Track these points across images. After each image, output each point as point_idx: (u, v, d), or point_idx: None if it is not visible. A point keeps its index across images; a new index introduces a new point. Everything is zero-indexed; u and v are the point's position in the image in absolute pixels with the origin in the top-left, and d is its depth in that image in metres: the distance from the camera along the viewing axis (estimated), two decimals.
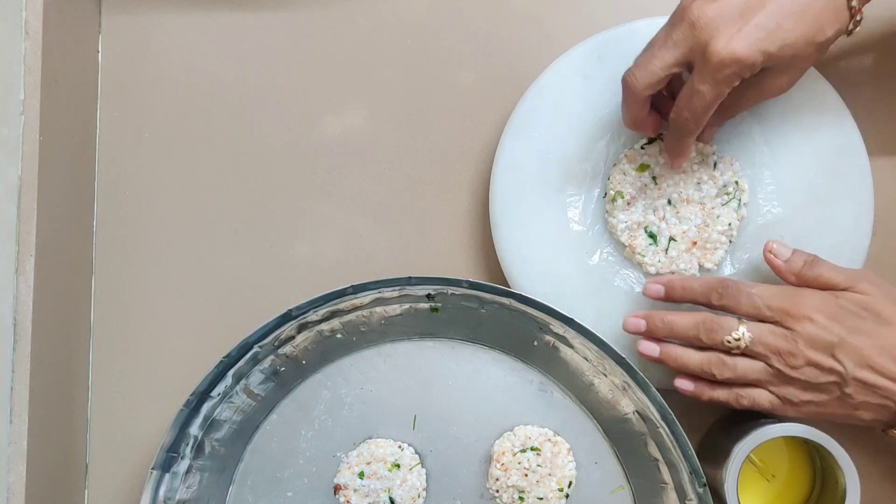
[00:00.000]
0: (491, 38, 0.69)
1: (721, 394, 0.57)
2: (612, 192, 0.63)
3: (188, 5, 0.70)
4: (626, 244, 0.63)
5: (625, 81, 0.57)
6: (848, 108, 0.62)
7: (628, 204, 0.63)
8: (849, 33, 0.56)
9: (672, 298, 0.59)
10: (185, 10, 0.70)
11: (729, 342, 0.56)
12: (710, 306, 0.57)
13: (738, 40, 0.52)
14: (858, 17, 0.55)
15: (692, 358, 0.57)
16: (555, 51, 0.65)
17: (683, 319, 0.58)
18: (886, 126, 0.64)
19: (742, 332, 0.55)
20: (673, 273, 0.62)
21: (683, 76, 0.57)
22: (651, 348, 0.59)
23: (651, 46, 0.57)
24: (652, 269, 0.63)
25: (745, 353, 0.56)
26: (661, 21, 0.63)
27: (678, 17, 0.55)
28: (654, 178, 0.63)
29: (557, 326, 0.60)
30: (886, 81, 0.66)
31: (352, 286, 0.60)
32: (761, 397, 0.56)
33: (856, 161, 0.62)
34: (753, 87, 0.57)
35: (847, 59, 0.66)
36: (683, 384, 0.59)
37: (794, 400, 0.56)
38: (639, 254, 0.63)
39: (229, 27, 0.70)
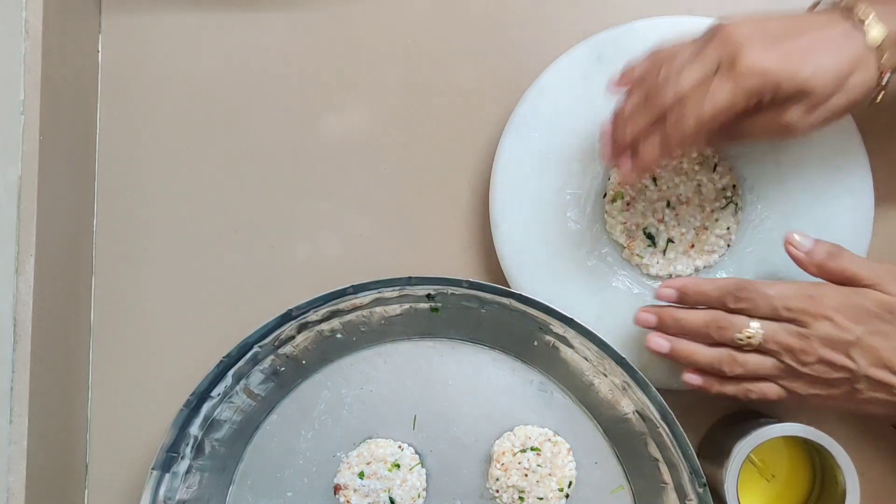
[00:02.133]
0: (491, 38, 0.69)
1: (730, 388, 0.57)
2: (611, 193, 0.63)
3: (188, 5, 0.70)
4: (625, 245, 0.63)
5: (675, 120, 0.54)
6: None
7: (627, 205, 0.63)
8: (874, 99, 0.55)
9: (685, 303, 0.58)
10: (185, 10, 0.70)
11: (740, 339, 0.55)
12: (725, 310, 0.57)
13: (770, 55, 0.52)
14: (884, 80, 0.54)
15: (702, 354, 0.57)
16: (555, 51, 0.65)
17: (694, 317, 0.57)
18: (886, 126, 0.64)
19: (755, 330, 0.55)
20: (671, 276, 0.62)
21: None
22: (661, 343, 0.58)
23: (674, 63, 0.54)
24: (652, 271, 0.63)
25: (757, 350, 0.56)
26: (661, 21, 0.64)
27: (710, 35, 0.54)
28: (654, 179, 0.63)
29: (557, 326, 0.60)
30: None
31: (352, 286, 0.60)
32: (770, 390, 0.56)
33: (856, 161, 0.62)
34: (767, 117, 0.55)
35: None
36: (692, 378, 0.58)
37: (802, 393, 0.56)
38: (637, 255, 0.63)
39: (229, 27, 0.70)
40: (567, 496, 0.62)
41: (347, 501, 0.62)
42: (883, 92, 0.55)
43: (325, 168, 0.68)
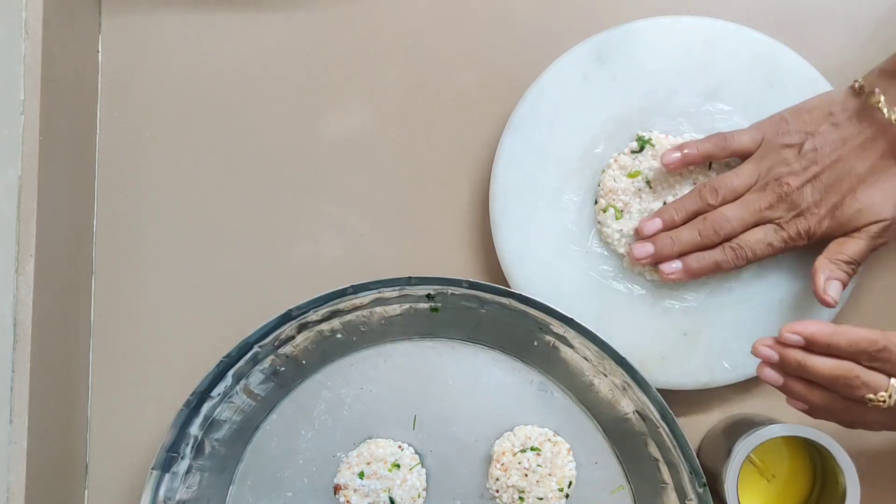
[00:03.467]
0: (491, 38, 0.69)
1: (821, 416, 0.54)
2: (602, 202, 0.63)
3: (188, 5, 0.70)
4: (625, 254, 0.63)
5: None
6: None
7: (621, 211, 0.63)
8: None
9: (811, 351, 0.52)
10: (185, 10, 0.70)
11: (871, 399, 0.50)
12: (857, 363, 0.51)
13: (820, 223, 0.58)
14: None
15: (818, 398, 0.53)
16: (555, 51, 0.65)
17: (823, 365, 0.51)
18: None
19: (891, 393, 0.50)
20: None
21: None
22: (773, 377, 0.53)
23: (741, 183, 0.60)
24: (656, 277, 0.62)
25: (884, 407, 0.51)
26: (661, 21, 0.64)
27: (770, 179, 0.59)
28: (647, 182, 0.63)
29: (557, 326, 0.60)
30: None
31: (352, 286, 0.60)
32: (873, 423, 0.53)
33: None
34: (862, 241, 0.59)
35: (847, 59, 0.66)
36: (770, 376, 0.54)
37: None
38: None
39: (229, 27, 0.70)
40: (567, 496, 0.62)
41: (347, 501, 0.62)
42: None
43: (325, 168, 0.68)
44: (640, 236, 0.61)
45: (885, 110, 0.56)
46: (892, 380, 0.50)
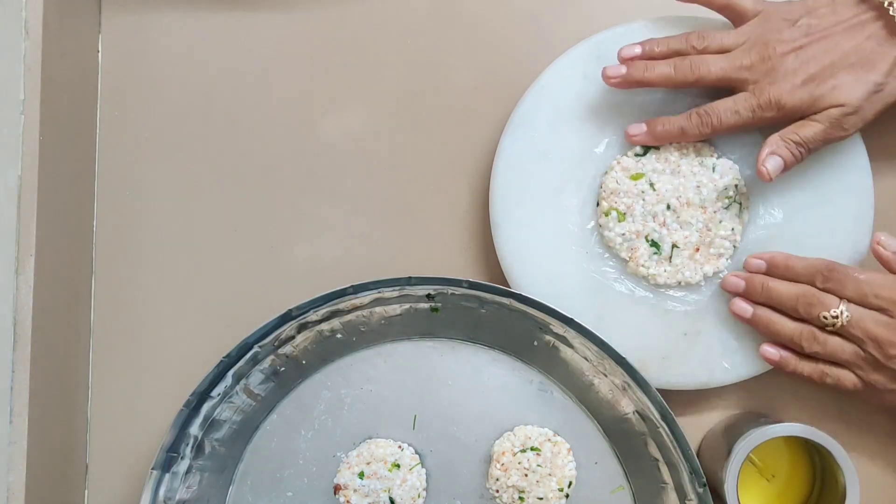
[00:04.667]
0: (491, 38, 0.69)
1: (806, 367, 0.58)
2: (605, 205, 0.63)
3: (188, 5, 0.70)
4: (628, 258, 0.62)
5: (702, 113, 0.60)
6: None
7: (623, 214, 0.62)
8: None
9: (772, 275, 0.59)
10: (185, 10, 0.70)
11: (825, 318, 0.56)
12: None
13: (796, 95, 0.57)
14: None
15: (785, 326, 0.58)
16: (555, 51, 0.65)
17: (785, 288, 0.58)
18: (886, 126, 0.64)
19: (841, 310, 0.55)
20: (680, 284, 0.62)
21: None
22: (744, 308, 0.60)
23: (712, 41, 0.60)
24: (660, 280, 0.62)
25: (840, 333, 0.56)
26: (661, 21, 0.64)
27: (753, 42, 0.59)
28: (651, 184, 0.62)
29: (557, 326, 0.60)
30: None
31: (352, 286, 0.60)
32: (846, 378, 0.57)
33: (856, 161, 0.62)
34: (822, 119, 0.59)
35: None
36: (770, 353, 0.59)
37: (880, 387, 0.56)
38: (642, 266, 0.62)
39: (229, 27, 0.70)
40: (567, 496, 0.62)
41: (347, 501, 0.62)
42: None
43: (325, 168, 0.68)
44: (619, 58, 0.61)
45: None
46: (842, 302, 0.56)
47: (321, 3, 0.69)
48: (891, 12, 0.56)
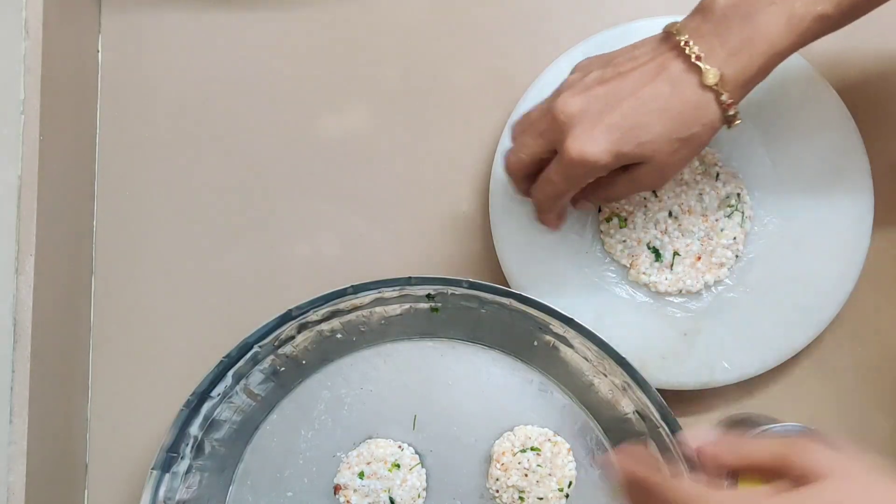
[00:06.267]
0: (491, 38, 0.69)
1: None
2: (606, 211, 0.63)
3: (188, 5, 0.70)
4: (629, 265, 0.62)
5: (504, 163, 0.58)
6: (848, 109, 0.62)
7: (625, 220, 0.62)
8: (730, 126, 0.53)
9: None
10: (185, 10, 0.70)
11: None
12: None
13: (590, 141, 0.51)
14: (732, 112, 0.52)
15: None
16: (555, 51, 0.65)
17: None
18: (886, 126, 0.64)
19: None
20: (681, 291, 0.62)
21: None
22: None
23: (523, 129, 0.57)
24: (661, 288, 0.62)
25: None
26: (661, 21, 0.64)
27: (546, 108, 0.54)
28: (654, 191, 0.62)
29: (557, 326, 0.60)
30: (887, 82, 0.66)
31: (352, 286, 0.60)
32: None
33: (856, 161, 0.62)
34: (626, 178, 0.55)
35: (847, 59, 0.66)
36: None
37: None
38: (643, 273, 0.62)
39: (229, 27, 0.70)
40: (567, 496, 0.62)
41: (347, 501, 0.62)
42: (737, 122, 0.52)
43: (325, 168, 0.68)
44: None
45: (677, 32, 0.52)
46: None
47: (321, 3, 0.69)
48: (687, 52, 0.51)
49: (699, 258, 0.62)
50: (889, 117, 0.63)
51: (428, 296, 0.61)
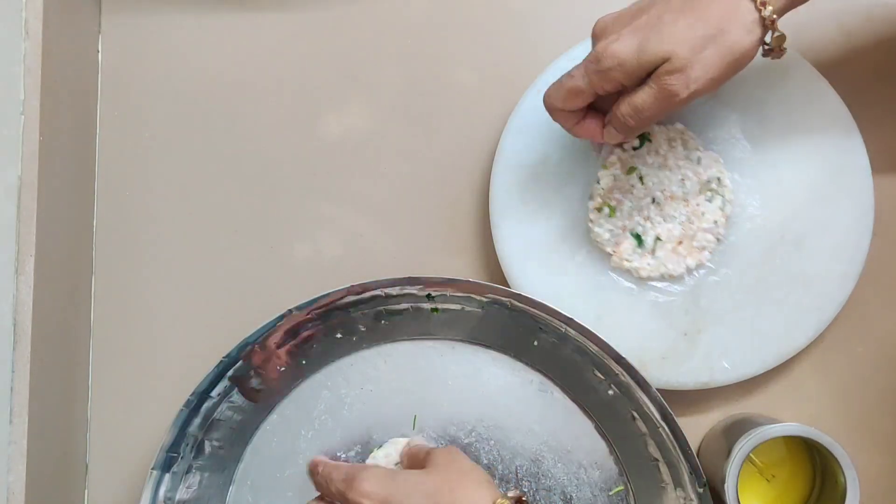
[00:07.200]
0: (491, 38, 0.69)
1: None
2: (598, 201, 0.63)
3: (188, 5, 0.70)
4: (612, 252, 0.62)
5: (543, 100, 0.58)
6: (848, 109, 0.62)
7: (614, 209, 0.62)
8: (768, 50, 0.53)
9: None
10: (185, 10, 0.70)
11: None
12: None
13: (617, 40, 0.53)
14: (777, 33, 0.52)
15: None
16: (555, 51, 0.65)
17: None
18: (886, 126, 0.64)
19: None
20: (663, 276, 0.62)
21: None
22: None
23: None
24: (643, 273, 0.62)
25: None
26: None
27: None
28: (640, 178, 0.63)
29: (557, 326, 0.60)
30: (887, 82, 0.66)
31: (352, 286, 0.60)
32: None
33: (856, 161, 0.62)
34: (651, 82, 0.54)
35: (847, 59, 0.66)
36: None
37: None
38: (626, 259, 0.62)
39: (229, 27, 0.70)
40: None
41: None
42: (783, 48, 0.53)
43: (325, 168, 0.68)
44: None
45: None
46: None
47: (321, 3, 0.69)
48: None
49: (680, 242, 0.62)
50: (889, 117, 0.63)
51: (428, 296, 0.61)
